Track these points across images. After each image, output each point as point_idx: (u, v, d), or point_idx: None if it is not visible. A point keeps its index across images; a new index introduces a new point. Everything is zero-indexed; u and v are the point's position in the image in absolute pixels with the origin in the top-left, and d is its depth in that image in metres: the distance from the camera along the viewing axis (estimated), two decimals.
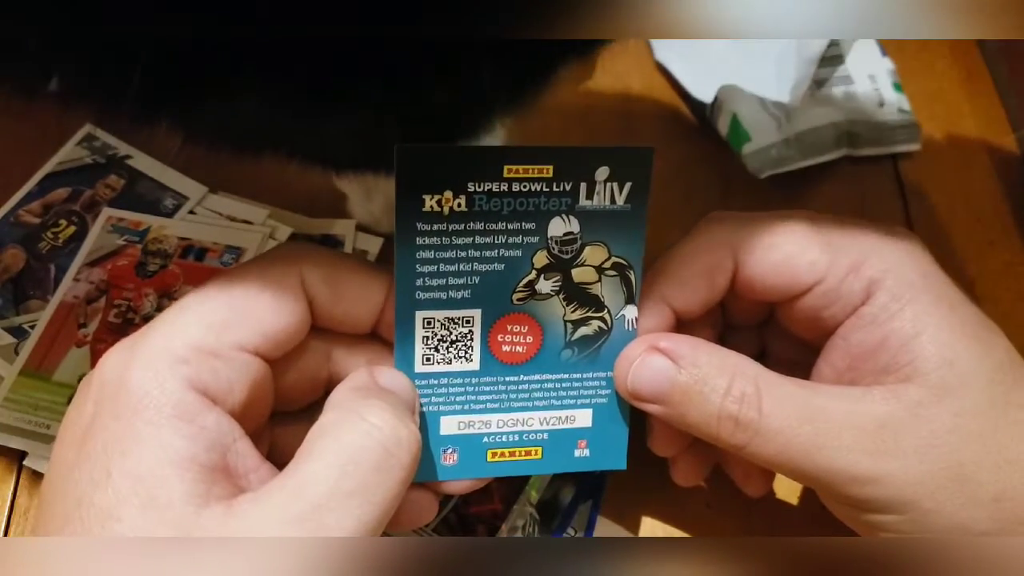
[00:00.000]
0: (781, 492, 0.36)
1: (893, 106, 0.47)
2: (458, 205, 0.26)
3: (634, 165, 0.27)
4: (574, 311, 0.29)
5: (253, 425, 0.26)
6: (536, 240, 0.28)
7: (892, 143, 0.47)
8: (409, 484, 0.24)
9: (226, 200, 0.42)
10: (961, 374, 0.27)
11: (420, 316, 0.28)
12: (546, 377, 0.29)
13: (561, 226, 0.28)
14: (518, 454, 0.30)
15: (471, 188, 0.26)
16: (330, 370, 0.29)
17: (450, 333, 0.28)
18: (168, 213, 0.41)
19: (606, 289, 0.29)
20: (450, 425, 0.29)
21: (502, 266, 0.28)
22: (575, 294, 0.28)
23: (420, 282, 0.27)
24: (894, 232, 0.29)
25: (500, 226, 0.27)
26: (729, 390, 0.27)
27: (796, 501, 0.36)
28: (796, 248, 0.29)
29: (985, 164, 0.48)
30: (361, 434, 0.24)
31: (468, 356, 0.28)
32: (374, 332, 0.29)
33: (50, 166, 0.43)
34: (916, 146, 0.47)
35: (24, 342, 0.37)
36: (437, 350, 0.28)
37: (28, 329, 0.38)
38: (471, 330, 0.28)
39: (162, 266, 0.40)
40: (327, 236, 0.42)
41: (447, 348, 0.28)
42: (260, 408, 0.27)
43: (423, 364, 0.28)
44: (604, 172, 0.27)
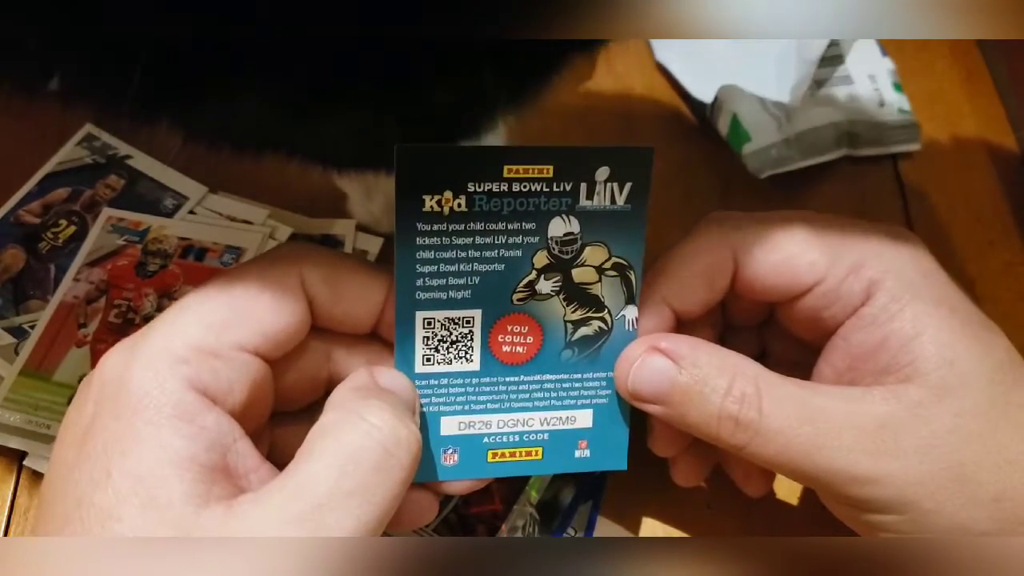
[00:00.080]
0: (781, 492, 0.36)
1: (893, 106, 0.47)
2: (458, 205, 0.26)
3: (634, 165, 0.27)
4: (574, 311, 0.29)
5: (253, 425, 0.26)
6: (536, 240, 0.27)
7: (892, 143, 0.47)
8: (409, 484, 0.24)
9: (226, 200, 0.42)
10: (961, 374, 0.27)
11: (420, 316, 0.28)
12: (546, 377, 0.29)
13: (561, 226, 0.28)
14: (518, 454, 0.30)
15: (471, 188, 0.26)
16: (330, 370, 0.29)
17: (450, 333, 0.28)
18: (168, 213, 0.41)
19: (606, 289, 0.29)
20: (450, 425, 0.29)
21: (502, 266, 0.28)
22: (575, 294, 0.28)
23: (420, 282, 0.27)
24: (894, 232, 0.29)
25: (500, 226, 0.27)
26: (729, 390, 0.27)
27: (796, 501, 0.36)
28: (796, 248, 0.29)
29: (985, 164, 0.47)
30: (361, 434, 0.24)
31: (468, 356, 0.28)
32: (374, 332, 0.29)
33: (50, 166, 0.43)
34: (916, 146, 0.47)
35: (24, 342, 0.37)
36: (437, 350, 0.28)
37: (28, 329, 0.38)
38: (471, 330, 0.28)
39: (162, 266, 0.40)
40: (327, 236, 0.42)
41: (447, 348, 0.28)
42: (260, 408, 0.27)
43: (423, 364, 0.28)
44: (604, 172, 0.27)
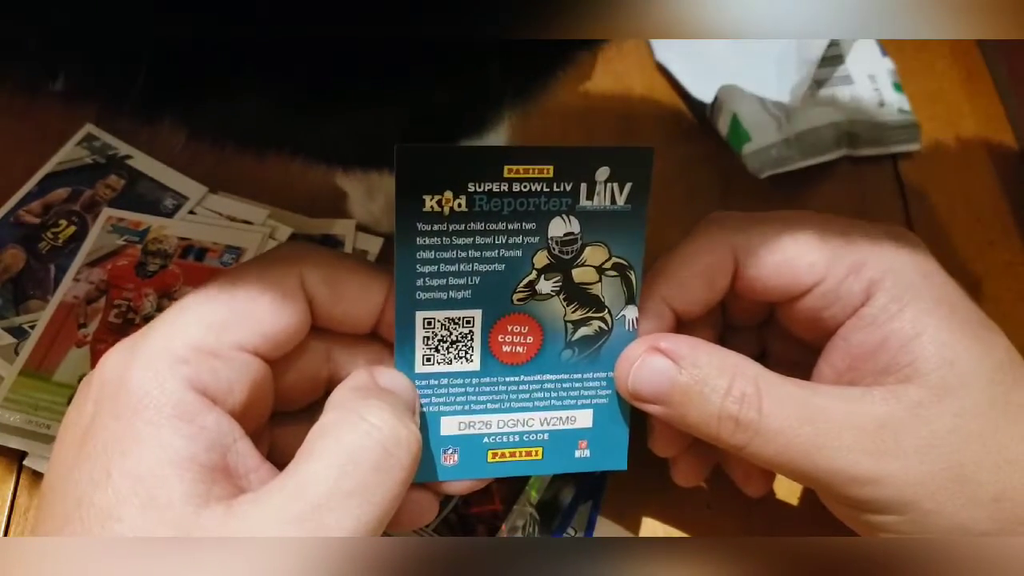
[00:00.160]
0: (781, 492, 0.36)
1: (893, 106, 0.47)
2: (458, 205, 0.26)
3: (634, 165, 0.27)
4: (574, 311, 0.29)
5: (253, 425, 0.26)
6: (536, 240, 0.27)
7: (892, 143, 0.47)
8: (409, 484, 0.24)
9: (226, 200, 0.42)
10: (961, 374, 0.27)
11: (420, 316, 0.28)
12: (546, 377, 0.29)
13: (561, 226, 0.28)
14: (518, 454, 0.30)
15: (471, 188, 0.26)
16: (330, 370, 0.29)
17: (450, 333, 0.28)
18: (168, 213, 0.41)
19: (606, 289, 0.29)
20: (450, 425, 0.29)
21: (502, 266, 0.28)
22: (575, 294, 0.28)
23: (420, 282, 0.27)
24: (894, 233, 0.29)
25: (500, 226, 0.27)
26: (729, 390, 0.27)
27: (796, 501, 0.36)
28: (796, 249, 0.29)
29: (985, 164, 0.47)
30: (361, 434, 0.24)
31: (468, 356, 0.28)
32: (374, 332, 0.29)
33: (50, 166, 0.43)
34: (916, 146, 0.47)
35: (24, 342, 0.37)
36: (437, 350, 0.28)
37: (28, 329, 0.38)
38: (471, 330, 0.28)
39: (162, 266, 0.40)
40: (327, 236, 0.42)
41: (447, 348, 0.28)
42: (260, 408, 0.27)
43: (423, 364, 0.28)
44: (604, 172, 0.27)
